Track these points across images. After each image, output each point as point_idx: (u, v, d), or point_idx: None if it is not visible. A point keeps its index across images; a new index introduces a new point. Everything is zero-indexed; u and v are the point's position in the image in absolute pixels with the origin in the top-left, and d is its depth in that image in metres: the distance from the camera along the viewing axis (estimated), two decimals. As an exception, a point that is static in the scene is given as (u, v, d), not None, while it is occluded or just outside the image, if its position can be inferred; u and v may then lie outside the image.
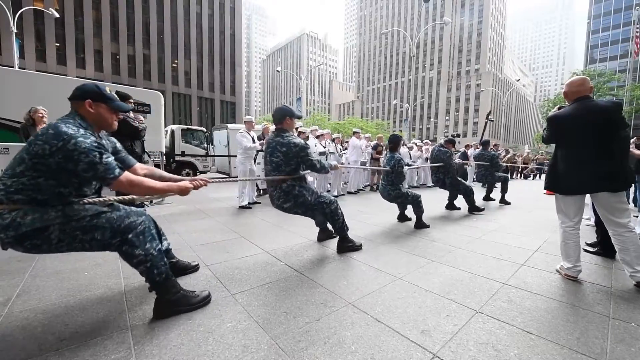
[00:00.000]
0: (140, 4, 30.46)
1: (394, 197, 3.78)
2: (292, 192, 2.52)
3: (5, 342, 1.34)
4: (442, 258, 2.62)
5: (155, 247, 1.55)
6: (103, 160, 1.34)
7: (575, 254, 2.17)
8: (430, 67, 74.57)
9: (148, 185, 1.51)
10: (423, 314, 1.66)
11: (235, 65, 37.33)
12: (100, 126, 1.53)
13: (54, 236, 1.34)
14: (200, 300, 1.68)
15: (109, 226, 1.44)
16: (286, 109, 2.58)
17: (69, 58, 27.14)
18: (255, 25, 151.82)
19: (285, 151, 2.45)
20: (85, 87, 1.49)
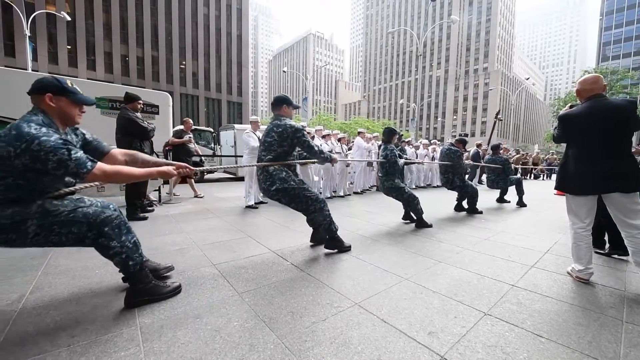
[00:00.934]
0: (149, 6, 30.88)
1: (388, 189, 3.76)
2: (278, 174, 2.50)
3: (19, 338, 1.38)
4: (450, 259, 2.59)
5: (131, 239, 1.59)
6: (72, 157, 1.32)
7: (586, 256, 2.12)
8: (437, 66, 73.89)
9: (125, 172, 1.50)
10: (430, 315, 1.65)
11: (242, 65, 37.56)
12: (64, 121, 1.48)
13: (31, 230, 1.35)
14: (171, 291, 1.72)
15: (85, 220, 1.45)
16: (284, 97, 2.64)
17: (80, 60, 27.67)
18: (261, 26, 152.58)
19: (281, 132, 2.47)
20: (44, 80, 1.44)
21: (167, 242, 2.93)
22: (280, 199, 2.57)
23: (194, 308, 1.67)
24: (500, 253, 2.79)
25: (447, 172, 4.69)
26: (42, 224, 1.37)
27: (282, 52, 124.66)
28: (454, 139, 4.91)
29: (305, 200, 2.54)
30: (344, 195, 6.61)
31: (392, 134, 3.89)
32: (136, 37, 30.32)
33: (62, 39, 26.78)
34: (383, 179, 3.77)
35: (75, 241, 1.47)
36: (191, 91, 33.77)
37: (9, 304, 1.67)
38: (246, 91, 38.20)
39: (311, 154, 2.61)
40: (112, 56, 29.26)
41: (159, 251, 2.66)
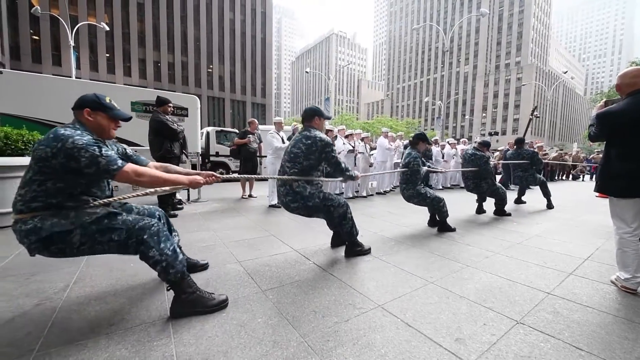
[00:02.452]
0: (179, 14, 32.40)
1: (408, 197, 3.59)
2: (302, 193, 2.40)
3: (65, 323, 1.50)
4: (479, 263, 2.48)
5: (170, 246, 1.57)
6: (103, 154, 1.39)
7: (634, 263, 1.95)
8: (465, 61, 70.97)
9: (155, 174, 1.54)
10: (457, 321, 1.59)
11: (266, 67, 38.34)
12: (100, 134, 1.56)
13: (76, 240, 1.42)
14: (217, 304, 1.66)
15: (125, 227, 1.49)
16: (316, 109, 2.56)
17: (117, 67, 29.62)
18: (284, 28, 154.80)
19: (310, 144, 2.36)
20: (85, 97, 1.55)
21: (195, 239, 3.05)
22: (300, 213, 2.52)
23: (220, 303, 1.73)
24: (534, 258, 2.63)
25: (475, 177, 4.41)
26: (85, 233, 1.43)
27: (305, 53, 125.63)
28: (477, 143, 4.61)
29: (326, 210, 2.44)
30: (367, 196, 6.55)
31: (421, 140, 3.68)
32: (167, 43, 31.93)
33: (102, 48, 28.81)
34: (403, 187, 3.61)
35: (119, 249, 1.51)
36: (218, 94, 35.01)
37: (56, 292, 1.83)
38: (270, 93, 38.95)
39: (337, 171, 2.52)
40: (146, 62, 31.03)
41: (188, 247, 2.78)
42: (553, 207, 5.37)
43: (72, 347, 1.31)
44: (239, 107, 36.67)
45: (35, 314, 1.58)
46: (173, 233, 1.96)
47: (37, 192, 1.37)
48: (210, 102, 34.52)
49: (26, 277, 2.02)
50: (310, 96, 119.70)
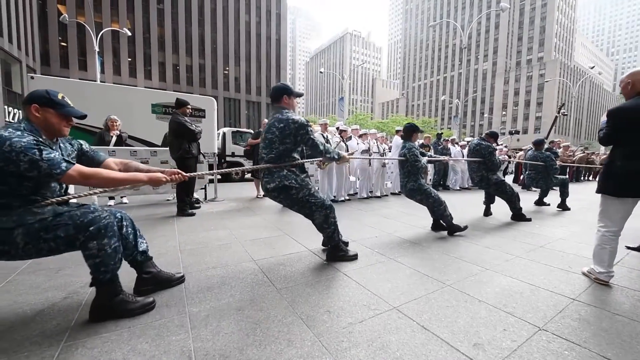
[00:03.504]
0: (197, 18, 33.25)
1: (410, 191, 3.36)
2: (279, 172, 2.24)
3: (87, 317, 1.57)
4: (498, 267, 2.40)
5: (113, 244, 1.48)
6: (44, 157, 1.30)
7: (610, 259, 2.07)
8: (484, 58, 68.89)
9: (105, 176, 1.46)
10: (476, 325, 1.54)
11: (281, 68, 38.70)
12: (49, 131, 1.46)
13: (20, 239, 1.33)
14: (140, 307, 1.59)
15: (72, 222, 1.40)
16: (283, 87, 2.36)
17: (139, 71, 30.75)
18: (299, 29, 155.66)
19: (283, 127, 2.20)
20: (34, 92, 1.45)
21: (212, 238, 3.12)
22: (281, 201, 2.33)
23: (236, 300, 1.76)
24: (558, 263, 2.52)
25: (480, 169, 4.17)
26: (28, 231, 1.34)
27: (319, 53, 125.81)
28: (485, 133, 4.39)
29: (308, 205, 2.30)
30: (381, 196, 6.48)
31: (413, 131, 3.48)
32: (186, 47, 32.84)
33: (124, 53, 30.00)
34: (404, 181, 3.41)
35: (67, 245, 1.41)
36: (234, 95, 35.66)
37: (82, 287, 1.92)
38: (284, 93, 39.17)
39: (316, 152, 2.33)
40: (165, 66, 32.04)
41: (206, 245, 2.85)
42: (568, 208, 5.17)
43: (96, 339, 1.37)
44: (254, 108, 37.19)
45: (63, 307, 1.67)
46: (139, 239, 1.81)
47: None
48: (227, 103, 35.20)
49: (55, 272, 2.13)
50: (324, 96, 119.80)
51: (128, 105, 5.65)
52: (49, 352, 1.28)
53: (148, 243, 1.92)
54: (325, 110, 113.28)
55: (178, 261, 2.41)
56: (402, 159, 3.36)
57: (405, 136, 3.52)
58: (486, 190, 4.42)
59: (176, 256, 2.53)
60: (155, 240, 2.98)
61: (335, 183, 5.67)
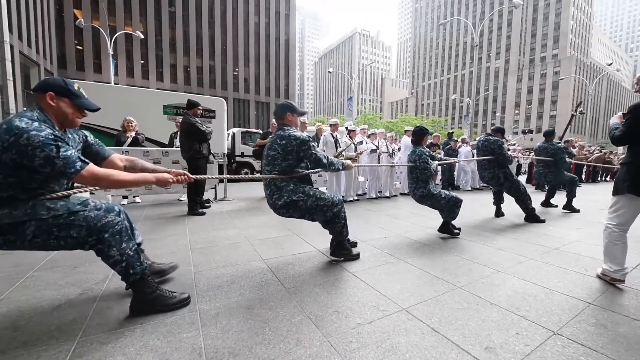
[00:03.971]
0: (207, 20, 33.73)
1: (420, 197, 3.27)
2: (286, 187, 2.24)
3: (104, 312, 1.61)
4: (511, 269, 2.35)
5: (132, 247, 1.51)
6: (60, 154, 1.27)
7: (623, 255, 2.03)
8: (496, 56, 67.55)
9: (115, 178, 1.44)
10: (487, 328, 1.51)
11: (289, 69, 38.89)
12: (61, 122, 1.44)
13: (29, 232, 1.32)
14: (177, 302, 1.63)
15: (86, 224, 1.40)
16: (287, 105, 2.38)
17: (151, 73, 31.39)
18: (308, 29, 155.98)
19: (284, 144, 2.21)
20: (49, 79, 1.42)
21: (222, 237, 3.16)
22: (292, 215, 2.31)
23: (245, 299, 1.78)
24: (573, 265, 2.45)
25: (492, 166, 4.03)
26: (40, 226, 1.33)
27: (328, 53, 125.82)
28: (491, 129, 4.24)
29: (319, 210, 2.28)
30: (390, 196, 6.43)
31: (423, 134, 3.35)
32: (196, 49, 33.36)
33: (137, 55, 30.68)
34: (413, 187, 3.31)
35: (75, 245, 1.42)
36: (243, 96, 36.02)
37: (97, 283, 1.97)
38: (293, 93, 39.44)
39: (320, 166, 2.34)
40: (177, 67, 32.62)
41: (216, 244, 2.88)
42: (576, 210, 4.97)
43: (111, 335, 1.41)
44: (263, 108, 37.47)
45: (79, 303, 1.72)
46: (135, 232, 1.83)
47: None
48: (236, 104, 35.58)
49: (71, 268, 2.20)
50: (332, 96, 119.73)
51: (141, 107, 5.77)
52: (66, 347, 1.32)
53: (160, 242, 1.96)
54: (334, 110, 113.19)
55: (189, 259, 2.45)
56: (412, 164, 3.30)
57: (415, 140, 3.40)
58: (499, 188, 4.28)
59: (187, 254, 2.57)
60: (167, 239, 3.03)
61: (344, 183, 5.65)
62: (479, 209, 5.23)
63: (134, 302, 1.58)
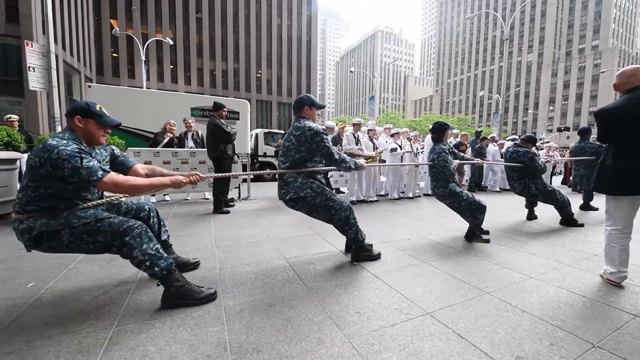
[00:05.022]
0: (232, 25, 34.72)
1: (440, 196, 3.15)
2: (293, 183, 2.26)
3: (137, 304, 1.71)
4: (545, 275, 2.21)
5: (153, 247, 1.63)
6: (84, 165, 1.46)
7: (620, 258, 2.02)
8: (528, 49, 63.86)
9: (131, 183, 1.61)
10: (519, 337, 1.44)
11: (311, 69, 39.10)
12: (89, 139, 1.63)
13: (65, 239, 1.54)
14: (205, 297, 1.73)
15: (110, 230, 1.57)
16: (305, 98, 2.39)
17: (180, 77, 32.82)
18: (329, 29, 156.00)
19: (299, 135, 2.23)
20: (76, 104, 1.63)
21: (245, 235, 3.24)
22: (300, 209, 2.35)
23: (268, 297, 1.81)
24: (617, 273, 2.26)
25: (523, 177, 3.79)
26: (73, 233, 1.54)
27: (350, 52, 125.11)
28: (520, 139, 3.96)
29: (327, 210, 2.29)
30: (413, 197, 6.28)
31: (443, 131, 3.20)
32: (221, 53, 34.45)
33: (167, 60, 32.19)
34: (433, 185, 3.21)
35: (103, 249, 1.60)
36: (265, 97, 36.71)
37: (130, 276, 2.09)
38: (314, 94, 39.62)
39: (331, 162, 2.31)
40: (203, 71, 33.87)
41: (239, 242, 2.96)
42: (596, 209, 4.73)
43: (143, 326, 1.49)
44: (285, 109, 37.96)
45: (115, 294, 1.83)
46: (162, 228, 2.05)
47: (31, 196, 1.50)
48: (259, 105, 36.32)
49: (107, 262, 2.35)
50: (354, 95, 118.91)
51: (170, 109, 6.06)
52: (103, 335, 1.41)
53: (188, 239, 2.05)
54: (355, 109, 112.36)
55: (214, 256, 2.54)
56: (430, 163, 3.18)
57: (435, 137, 3.25)
58: (530, 198, 4.05)
59: (213, 251, 2.66)
60: (195, 236, 3.16)
61: (364, 183, 5.60)
62: (508, 211, 4.97)
63: (164, 296, 1.68)
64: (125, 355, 1.27)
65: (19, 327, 1.46)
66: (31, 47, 5.96)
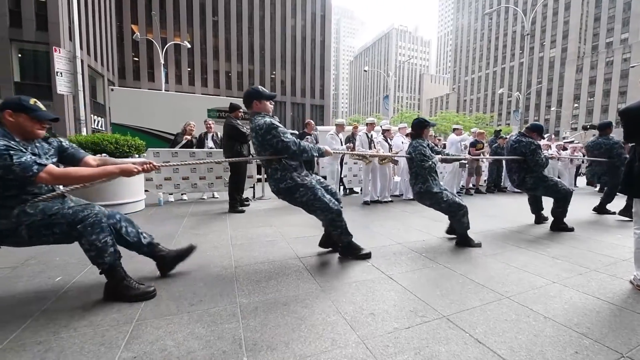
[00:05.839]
0: (247, 27, 35.26)
1: (418, 195, 2.98)
2: (273, 176, 2.30)
3: (156, 300, 1.77)
4: (569, 280, 2.12)
5: (102, 239, 1.63)
6: (14, 161, 1.42)
7: None
8: (551, 44, 61.27)
9: (74, 175, 1.62)
10: (540, 344, 1.38)
11: (324, 69, 39.13)
12: (23, 134, 1.60)
13: (24, 234, 1.57)
14: (141, 294, 1.74)
15: (65, 221, 1.59)
16: (252, 92, 2.35)
17: (196, 79, 33.65)
18: (343, 29, 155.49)
19: (255, 135, 2.25)
20: (7, 99, 1.61)
21: (260, 234, 3.28)
22: (289, 202, 2.39)
23: (282, 296, 1.83)
24: (648, 280, 2.13)
25: (521, 169, 3.52)
26: (30, 227, 1.56)
27: (363, 51, 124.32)
28: (525, 127, 3.69)
29: (313, 209, 2.34)
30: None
31: (423, 127, 3.03)
32: (237, 55, 35.06)
33: (185, 63, 33.07)
34: (412, 182, 3.03)
35: (64, 239, 1.64)
36: (279, 97, 37.02)
37: (150, 272, 2.16)
38: (328, 94, 39.63)
39: (291, 154, 2.22)
40: (219, 73, 34.59)
41: (254, 241, 3.01)
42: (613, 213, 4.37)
43: (162, 320, 1.54)
44: (299, 109, 38.18)
45: (136, 290, 1.89)
46: (141, 236, 1.96)
47: None
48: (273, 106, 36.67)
49: (129, 258, 2.42)
50: (368, 95, 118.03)
51: (188, 111, 6.22)
52: (125, 328, 1.47)
53: (205, 237, 2.09)
54: (369, 109, 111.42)
55: (230, 254, 2.59)
56: (408, 156, 3.03)
57: (415, 134, 3.09)
58: (532, 193, 3.79)
59: (228, 250, 2.71)
60: (211, 234, 3.23)
61: (379, 184, 5.54)
62: (529, 212, 4.79)
63: (106, 287, 1.75)
64: (145, 348, 1.31)
65: (48, 319, 1.55)
66: (59, 53, 6.27)
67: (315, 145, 2.39)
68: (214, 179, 5.49)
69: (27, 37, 17.19)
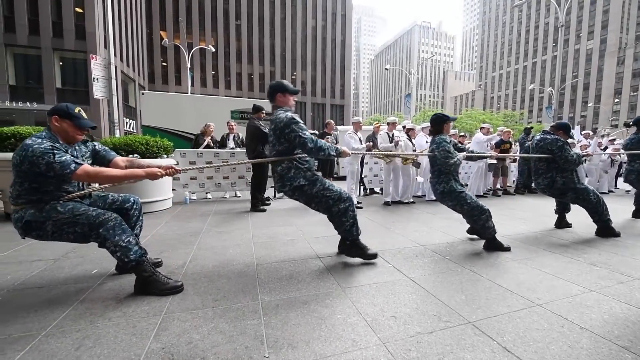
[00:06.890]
0: (269, 29, 35.90)
1: (440, 195, 2.85)
2: (285, 175, 2.25)
3: (183, 294, 1.84)
4: (608, 289, 1.97)
5: (125, 239, 1.75)
6: (56, 160, 1.58)
7: None
8: (588, 36, 57.13)
9: (106, 174, 1.76)
10: (576, 356, 1.29)
11: (345, 69, 38.99)
12: (64, 138, 1.77)
13: (49, 229, 1.70)
14: (170, 288, 1.83)
15: (87, 222, 1.71)
16: (276, 85, 2.35)
17: (220, 82, 34.71)
18: (364, 27, 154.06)
19: (274, 128, 2.25)
20: (55, 106, 1.77)
21: (280, 233, 3.33)
22: (298, 198, 2.35)
23: (302, 295, 1.84)
24: (703, 291, 1.94)
25: (550, 169, 3.24)
26: (56, 223, 1.70)
27: (385, 49, 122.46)
28: (551, 126, 3.41)
29: (325, 200, 2.26)
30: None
31: (443, 122, 2.87)
32: (259, 57, 35.79)
33: (209, 67, 34.22)
34: (434, 181, 2.89)
35: (83, 238, 1.76)
36: (300, 98, 37.34)
37: (177, 268, 2.26)
38: (348, 93, 39.45)
39: (306, 151, 2.20)
40: (242, 76, 35.47)
41: (275, 239, 3.05)
42: None
43: (188, 314, 1.60)
44: (319, 109, 38.30)
45: (164, 284, 1.99)
46: (138, 223, 2.14)
47: (19, 191, 1.68)
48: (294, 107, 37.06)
49: (158, 254, 2.56)
50: (389, 93, 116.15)
51: (212, 112, 6.43)
52: (154, 320, 1.54)
53: (229, 234, 2.15)
54: (391, 108, 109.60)
55: (252, 252, 2.64)
56: (430, 154, 2.88)
57: (434, 130, 2.95)
58: (560, 199, 3.50)
59: (250, 247, 2.77)
60: (234, 232, 3.32)
61: (401, 184, 5.44)
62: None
63: (136, 283, 1.84)
64: (172, 340, 1.37)
65: (85, 309, 1.66)
66: (96, 60, 6.71)
67: (333, 145, 2.34)
68: (237, 179, 5.64)
69: (68, 46, 18.56)
